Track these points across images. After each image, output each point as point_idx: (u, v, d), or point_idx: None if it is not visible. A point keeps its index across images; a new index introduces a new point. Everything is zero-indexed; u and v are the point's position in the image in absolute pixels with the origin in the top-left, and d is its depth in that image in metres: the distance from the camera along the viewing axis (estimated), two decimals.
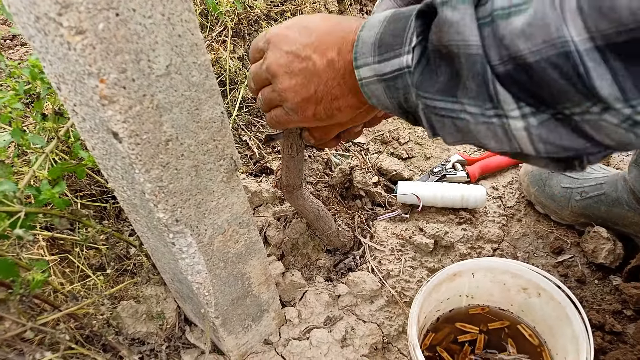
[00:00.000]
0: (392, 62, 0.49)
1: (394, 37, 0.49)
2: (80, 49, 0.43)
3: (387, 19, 0.51)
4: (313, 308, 0.98)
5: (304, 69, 0.58)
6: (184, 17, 0.50)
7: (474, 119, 0.44)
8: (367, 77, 0.53)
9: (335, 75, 0.57)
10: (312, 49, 0.57)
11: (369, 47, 0.52)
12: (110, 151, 0.55)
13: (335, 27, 0.57)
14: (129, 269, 0.92)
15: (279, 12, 1.38)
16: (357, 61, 0.53)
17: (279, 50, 0.59)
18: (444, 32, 0.42)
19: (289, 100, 0.61)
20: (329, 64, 0.57)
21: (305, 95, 0.59)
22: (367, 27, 0.53)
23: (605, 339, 0.93)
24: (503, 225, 1.18)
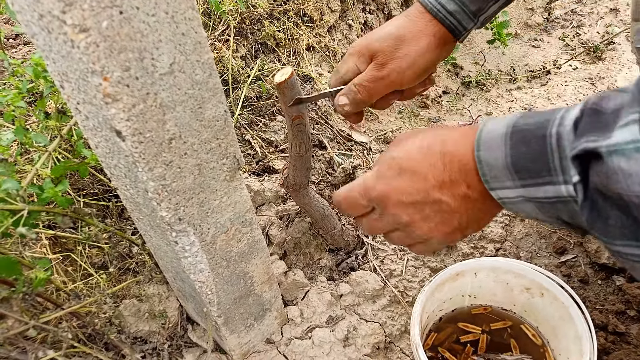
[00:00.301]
0: (546, 189, 0.46)
1: (533, 162, 0.46)
2: (83, 46, 0.43)
3: (510, 138, 0.48)
4: (315, 307, 0.98)
5: (438, 211, 0.56)
6: (187, 15, 0.49)
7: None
8: (510, 198, 0.50)
9: (474, 205, 0.55)
10: (438, 190, 0.54)
11: (501, 171, 0.49)
12: (114, 149, 0.55)
13: (445, 160, 0.54)
14: (132, 268, 0.92)
15: (281, 11, 1.38)
16: (489, 184, 0.50)
17: (401, 205, 0.57)
18: (614, 181, 0.39)
19: (435, 238, 0.59)
20: (463, 199, 0.54)
21: (448, 230, 0.57)
22: (484, 146, 0.50)
23: (609, 340, 0.92)
24: (506, 225, 1.18)
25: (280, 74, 0.75)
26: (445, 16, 0.77)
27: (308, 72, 1.39)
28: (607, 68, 1.82)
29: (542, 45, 2.06)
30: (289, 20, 1.40)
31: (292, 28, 1.39)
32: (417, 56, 0.74)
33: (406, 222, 0.58)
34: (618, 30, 1.96)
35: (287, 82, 0.74)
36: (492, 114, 1.64)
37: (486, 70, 1.87)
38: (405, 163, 0.56)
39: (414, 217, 0.57)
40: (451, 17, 0.77)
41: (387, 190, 0.57)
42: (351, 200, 0.61)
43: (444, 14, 0.76)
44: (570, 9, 2.16)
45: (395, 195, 0.57)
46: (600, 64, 1.87)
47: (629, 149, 0.37)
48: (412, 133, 0.59)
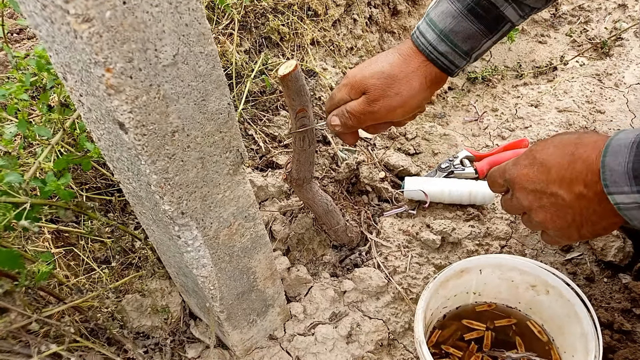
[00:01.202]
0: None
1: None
2: (86, 37, 0.42)
3: (637, 146, 0.51)
4: (318, 304, 0.98)
5: (554, 204, 0.61)
6: (191, 6, 0.49)
7: None
8: (626, 204, 0.53)
9: (589, 204, 0.58)
10: (556, 185, 0.60)
11: (621, 177, 0.52)
12: (116, 142, 0.54)
13: (572, 158, 0.58)
14: (134, 263, 0.91)
15: (286, 5, 1.37)
16: (608, 188, 0.54)
17: (524, 190, 0.64)
18: None
19: (551, 229, 0.64)
20: (578, 197, 0.58)
21: (563, 224, 0.62)
22: (610, 152, 0.53)
23: (614, 338, 0.92)
24: (511, 222, 1.17)
25: (284, 67, 0.74)
26: (437, 57, 0.78)
27: (312, 66, 1.38)
28: (614, 64, 1.81)
29: (549, 41, 2.04)
30: (294, 14, 1.39)
31: (297, 22, 1.39)
32: (408, 97, 0.77)
33: (527, 206, 0.65)
34: (626, 25, 1.94)
35: (291, 75, 0.73)
36: (497, 110, 1.63)
37: (492, 66, 1.86)
38: (538, 155, 0.62)
39: (533, 204, 0.64)
40: (443, 57, 0.78)
41: (517, 175, 0.65)
42: (492, 178, 0.72)
43: (436, 55, 0.78)
44: (577, 5, 2.15)
45: (520, 180, 0.64)
46: (607, 60, 1.85)
47: None
48: (563, 132, 0.64)
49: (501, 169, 0.69)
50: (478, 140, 1.48)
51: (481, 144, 1.46)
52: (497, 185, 0.71)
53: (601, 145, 0.55)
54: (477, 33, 0.76)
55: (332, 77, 1.42)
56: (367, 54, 1.66)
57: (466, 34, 0.76)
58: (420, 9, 1.93)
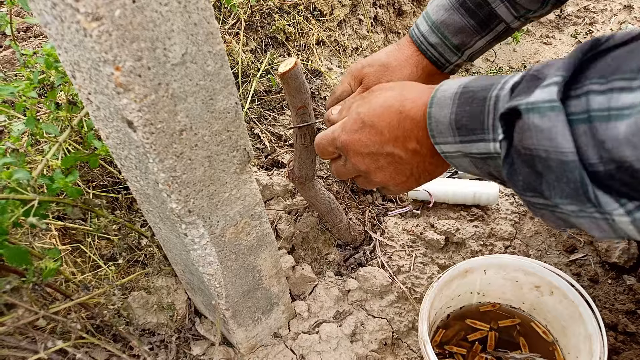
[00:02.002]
0: (478, 145, 0.51)
1: (471, 120, 0.50)
2: (96, 35, 0.43)
3: (458, 97, 0.52)
4: (323, 302, 0.98)
5: (392, 162, 0.62)
6: (200, 5, 0.49)
7: (574, 214, 0.44)
8: (451, 152, 0.55)
9: (424, 158, 0.60)
10: (391, 144, 0.60)
11: (445, 127, 0.53)
12: (125, 140, 0.55)
13: (400, 117, 0.59)
14: (140, 260, 0.92)
15: (292, 5, 1.37)
16: (435, 138, 0.55)
17: (359, 155, 0.63)
18: (527, 137, 0.42)
19: (391, 185, 0.66)
20: (413, 153, 0.59)
21: (403, 178, 0.63)
22: (435, 103, 0.54)
23: (618, 339, 0.92)
24: (515, 223, 1.17)
25: (284, 64, 0.74)
26: (427, 48, 0.80)
27: (317, 66, 1.38)
28: None
29: (554, 42, 2.04)
30: (299, 14, 1.39)
31: (302, 22, 1.39)
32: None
33: (365, 170, 0.65)
34: (632, 27, 1.94)
35: (290, 72, 0.74)
36: None
37: (497, 66, 1.86)
38: (367, 118, 0.61)
39: (370, 166, 0.63)
40: (433, 49, 0.80)
41: (349, 141, 0.63)
42: (321, 147, 0.70)
43: (426, 45, 0.80)
44: (583, 6, 2.14)
45: (354, 146, 0.63)
46: None
47: (544, 107, 0.40)
48: (381, 89, 0.64)
49: (329, 137, 0.68)
50: None
51: None
52: (328, 153, 0.70)
53: (426, 99, 0.56)
54: (467, 28, 0.77)
55: (337, 77, 1.42)
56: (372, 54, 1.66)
57: (457, 27, 0.77)
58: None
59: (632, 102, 0.36)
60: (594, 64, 0.40)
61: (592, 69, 0.40)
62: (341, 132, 0.65)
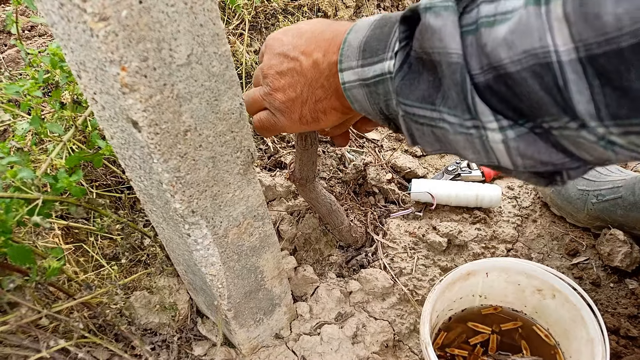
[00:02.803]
0: (375, 67, 0.49)
1: (378, 42, 0.49)
2: (102, 35, 0.43)
3: (375, 23, 0.51)
4: (324, 304, 0.98)
5: (291, 69, 0.59)
6: (206, 7, 0.49)
7: (453, 129, 0.43)
8: (350, 82, 0.53)
9: (319, 76, 0.58)
10: (300, 50, 0.58)
11: (354, 51, 0.52)
12: (129, 140, 0.55)
13: (325, 29, 0.58)
14: (143, 260, 0.92)
15: (296, 6, 1.37)
16: (341, 64, 0.53)
17: (272, 53, 0.61)
18: (425, 39, 0.42)
19: (277, 100, 0.62)
20: (313, 64, 0.57)
21: (292, 95, 0.60)
22: (354, 29, 0.53)
23: (620, 344, 0.91)
24: (518, 226, 1.17)
25: None
26: None
27: None
28: None
29: None
30: (304, 16, 1.39)
31: None
32: None
33: (266, 73, 0.62)
34: None
35: None
36: None
37: None
38: (301, 25, 0.61)
39: (273, 67, 0.61)
40: None
41: (272, 38, 0.63)
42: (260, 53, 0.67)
43: None
44: None
45: (272, 43, 0.62)
46: None
47: (439, 6, 0.40)
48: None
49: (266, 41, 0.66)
50: None
51: None
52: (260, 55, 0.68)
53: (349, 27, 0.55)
54: None
55: None
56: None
57: None
58: None
59: (515, 5, 0.35)
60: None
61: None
62: (275, 33, 0.64)
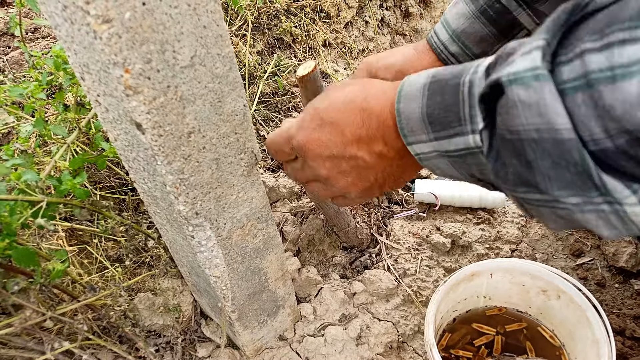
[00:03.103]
0: (456, 141, 0.44)
1: (445, 112, 0.44)
2: (106, 37, 0.43)
3: (428, 88, 0.46)
4: (328, 305, 0.98)
5: (355, 167, 0.55)
6: (209, 8, 0.49)
7: (578, 209, 0.37)
8: (425, 153, 0.48)
9: (391, 162, 0.54)
10: (355, 146, 0.53)
11: (417, 124, 0.47)
12: (133, 142, 0.55)
13: (364, 115, 0.52)
14: (147, 262, 0.92)
15: (298, 7, 1.37)
16: (407, 138, 0.49)
17: (320, 159, 0.56)
18: (513, 116, 0.36)
19: (352, 193, 0.59)
20: (379, 156, 0.53)
21: (366, 185, 0.57)
22: (403, 97, 0.48)
23: (626, 344, 0.91)
24: (522, 227, 1.17)
25: (303, 68, 0.74)
26: (448, 57, 0.76)
27: (324, 68, 1.38)
28: None
29: None
30: (306, 16, 1.39)
31: (309, 24, 1.39)
32: None
33: (325, 175, 0.57)
34: None
35: (310, 75, 0.74)
36: None
37: None
38: (326, 115, 0.54)
39: (331, 171, 0.56)
40: (453, 58, 0.76)
41: (307, 142, 0.56)
42: (276, 146, 0.61)
43: (446, 54, 0.76)
44: None
45: (313, 147, 0.56)
46: None
47: (528, 76, 0.34)
48: (342, 84, 0.57)
49: (284, 136, 0.59)
50: None
51: None
52: (283, 154, 0.61)
53: (391, 95, 0.50)
54: (489, 37, 0.74)
55: (343, 79, 1.42)
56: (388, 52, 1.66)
57: (478, 36, 0.74)
58: (432, 11, 1.92)
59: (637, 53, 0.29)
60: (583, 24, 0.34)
61: (582, 29, 0.33)
62: (297, 130, 0.57)
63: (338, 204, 0.65)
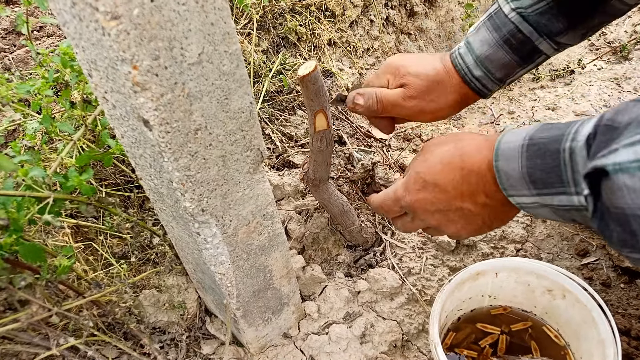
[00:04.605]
0: (560, 198, 0.50)
1: (547, 174, 0.50)
2: (114, 34, 0.43)
3: (526, 150, 0.52)
4: (333, 303, 0.98)
5: (462, 216, 0.63)
6: (217, 5, 0.49)
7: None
8: (528, 204, 0.55)
9: (494, 209, 0.60)
10: (459, 200, 0.61)
11: (518, 181, 0.53)
12: (140, 139, 0.55)
13: (463, 173, 0.60)
14: (152, 259, 0.92)
15: (303, 5, 1.37)
16: (507, 191, 0.56)
17: (429, 213, 0.65)
18: (619, 197, 0.43)
19: (464, 236, 0.67)
20: (483, 206, 0.60)
21: (474, 229, 0.64)
22: (502, 157, 0.55)
23: (632, 345, 0.90)
24: (527, 226, 1.16)
25: (304, 67, 0.74)
26: (472, 79, 0.80)
27: (329, 67, 1.38)
28: (633, 68, 1.79)
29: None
30: (311, 15, 1.39)
31: (314, 23, 1.39)
32: (442, 106, 0.80)
33: (435, 225, 0.66)
34: None
35: (310, 75, 0.74)
36: (514, 112, 1.62)
37: None
38: (428, 177, 0.63)
39: (440, 221, 0.65)
40: (477, 81, 0.80)
41: (415, 201, 0.65)
42: (386, 207, 0.71)
43: (470, 77, 0.80)
44: None
45: (421, 205, 0.65)
46: (626, 63, 1.83)
47: (633, 167, 0.41)
48: (435, 145, 0.65)
49: (392, 197, 0.69)
50: None
51: None
52: (394, 212, 0.71)
53: (487, 153, 0.57)
54: (511, 63, 0.78)
55: (348, 78, 1.42)
56: (384, 55, 1.65)
57: (501, 62, 0.78)
58: (437, 11, 1.92)
59: None
60: None
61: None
62: (404, 192, 0.67)
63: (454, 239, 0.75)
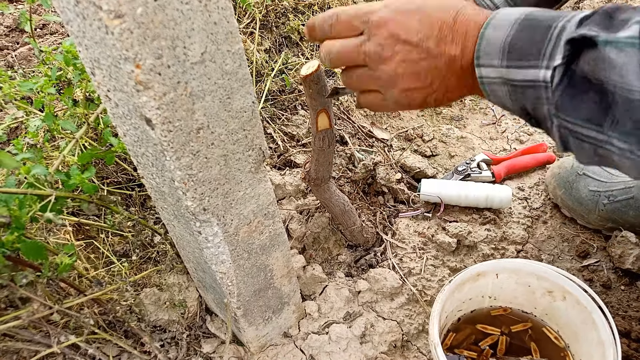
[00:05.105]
0: (526, 72, 0.48)
1: (528, 46, 0.48)
2: (118, 32, 0.43)
3: (519, 23, 0.49)
4: (333, 303, 0.98)
5: (421, 60, 0.55)
6: (220, 4, 0.49)
7: (620, 153, 0.44)
8: (490, 78, 0.52)
9: (455, 71, 0.55)
10: (433, 41, 0.54)
11: (495, 49, 0.50)
12: (142, 138, 0.55)
13: (457, 19, 0.53)
14: (153, 257, 0.92)
15: (306, 5, 1.37)
16: (479, 59, 0.52)
17: (392, 38, 0.55)
18: (600, 69, 0.42)
19: (397, 88, 0.57)
20: (449, 60, 0.54)
21: (419, 85, 0.56)
22: (492, 25, 0.51)
23: (632, 347, 0.91)
24: (528, 227, 1.16)
25: (306, 67, 0.74)
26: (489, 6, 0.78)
27: None
28: None
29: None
30: (314, 14, 1.39)
31: None
32: None
33: (384, 57, 0.56)
34: None
35: (313, 75, 0.74)
36: None
37: None
38: (424, 5, 0.55)
39: (396, 55, 0.55)
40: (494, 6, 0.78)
41: (390, 19, 0.55)
42: (346, 16, 0.58)
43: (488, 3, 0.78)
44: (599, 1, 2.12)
45: (394, 26, 0.55)
46: None
47: (624, 42, 0.40)
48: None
49: (361, 9, 0.57)
50: (495, 143, 1.47)
51: (498, 147, 1.45)
52: (347, 26, 0.59)
53: (480, 19, 0.53)
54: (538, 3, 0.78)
55: None
56: None
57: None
58: None
59: None
60: None
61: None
62: (384, 7, 0.56)
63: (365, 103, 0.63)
